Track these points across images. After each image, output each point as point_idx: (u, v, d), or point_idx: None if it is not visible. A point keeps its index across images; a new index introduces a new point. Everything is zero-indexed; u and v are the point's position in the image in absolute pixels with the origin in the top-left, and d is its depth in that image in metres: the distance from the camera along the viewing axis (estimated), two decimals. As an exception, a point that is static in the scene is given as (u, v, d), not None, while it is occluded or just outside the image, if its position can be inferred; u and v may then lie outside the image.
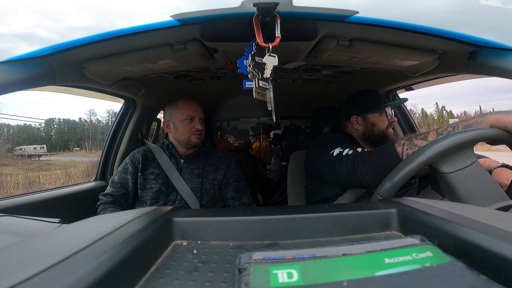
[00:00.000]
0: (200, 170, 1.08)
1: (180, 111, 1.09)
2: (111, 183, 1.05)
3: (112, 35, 0.67)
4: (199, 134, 1.09)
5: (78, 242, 0.25)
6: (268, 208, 0.39)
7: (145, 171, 1.06)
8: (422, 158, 0.59)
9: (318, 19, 0.65)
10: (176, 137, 1.09)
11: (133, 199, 1.07)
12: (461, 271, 0.21)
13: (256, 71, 0.60)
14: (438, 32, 0.69)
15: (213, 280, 0.24)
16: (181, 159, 1.09)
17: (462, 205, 0.39)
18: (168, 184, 1.05)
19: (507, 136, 0.57)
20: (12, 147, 21.37)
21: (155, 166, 1.07)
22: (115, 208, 0.98)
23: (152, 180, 1.05)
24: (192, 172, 1.08)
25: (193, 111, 1.09)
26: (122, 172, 1.06)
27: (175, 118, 1.09)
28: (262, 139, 2.43)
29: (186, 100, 1.11)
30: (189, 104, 1.10)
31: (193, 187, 1.05)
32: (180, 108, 1.09)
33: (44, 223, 0.49)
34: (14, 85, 0.63)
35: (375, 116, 1.00)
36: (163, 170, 1.06)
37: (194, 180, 1.06)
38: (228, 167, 1.13)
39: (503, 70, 0.65)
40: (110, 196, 1.01)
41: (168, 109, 1.12)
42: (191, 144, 1.09)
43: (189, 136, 1.08)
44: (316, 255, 0.24)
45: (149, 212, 0.37)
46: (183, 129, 1.08)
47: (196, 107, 1.11)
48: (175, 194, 1.05)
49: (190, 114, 1.08)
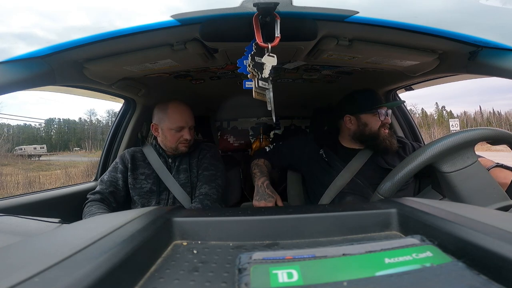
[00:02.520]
0: (186, 165, 1.08)
1: (169, 120, 1.04)
2: (100, 182, 1.04)
3: (112, 35, 0.67)
4: (187, 143, 1.06)
5: (78, 242, 0.25)
6: (268, 208, 0.39)
7: (135, 171, 1.06)
8: (423, 157, 0.59)
9: (318, 19, 0.65)
10: (164, 143, 1.07)
11: (123, 198, 1.05)
12: (461, 271, 0.21)
13: (256, 71, 0.60)
14: (438, 32, 0.69)
15: (213, 280, 0.24)
16: (169, 159, 1.09)
17: (462, 205, 0.39)
18: (159, 183, 1.05)
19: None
20: (12, 147, 21.38)
21: (145, 167, 1.07)
22: (101, 206, 0.96)
23: (143, 180, 1.05)
24: (179, 169, 1.07)
25: (183, 122, 1.04)
26: (112, 171, 1.06)
27: (163, 124, 1.05)
28: (262, 139, 2.42)
29: (176, 106, 1.06)
30: (180, 113, 1.05)
31: (182, 183, 1.05)
32: (169, 116, 1.04)
33: (44, 223, 0.49)
34: (14, 85, 0.63)
35: (368, 116, 1.00)
36: (153, 170, 1.05)
37: (182, 176, 1.06)
38: (204, 157, 1.11)
39: (503, 70, 0.65)
40: (99, 194, 1.00)
41: (158, 112, 1.07)
42: (178, 152, 1.06)
43: (176, 145, 1.05)
44: (316, 255, 0.24)
45: (149, 212, 0.37)
46: (171, 137, 1.04)
47: (186, 116, 1.05)
48: (167, 193, 1.05)
49: (179, 124, 1.03)
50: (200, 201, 0.99)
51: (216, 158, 1.14)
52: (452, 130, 7.43)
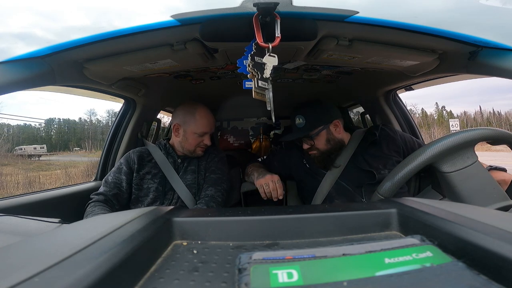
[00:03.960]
0: (194, 166, 1.09)
1: (196, 124, 1.05)
2: (104, 182, 1.04)
3: (112, 35, 0.67)
4: (205, 147, 1.08)
5: (78, 242, 0.25)
6: (268, 208, 0.39)
7: (141, 171, 1.05)
8: (423, 157, 0.59)
9: (318, 19, 0.65)
10: (183, 144, 1.08)
11: (126, 200, 1.05)
12: (461, 271, 0.21)
13: (256, 71, 0.60)
14: (438, 32, 0.69)
15: (213, 280, 0.24)
16: (178, 159, 1.09)
17: (462, 205, 0.39)
18: (165, 183, 1.05)
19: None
20: (12, 147, 21.39)
21: (151, 166, 1.06)
22: (104, 207, 0.96)
23: (149, 180, 1.05)
24: (187, 169, 1.08)
25: (209, 128, 1.07)
26: (116, 172, 1.05)
27: (188, 127, 1.06)
28: (262, 139, 2.42)
29: (205, 112, 1.08)
30: (207, 119, 1.07)
31: (188, 184, 1.05)
32: (197, 121, 1.05)
33: (44, 223, 0.49)
34: (14, 85, 0.63)
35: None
36: (160, 170, 1.05)
37: (189, 176, 1.07)
38: (212, 160, 1.12)
39: (503, 70, 0.65)
40: (102, 195, 0.99)
41: (184, 114, 1.07)
42: (194, 155, 1.08)
43: (195, 148, 1.07)
44: (316, 255, 0.24)
45: (149, 212, 0.37)
46: (192, 141, 1.06)
47: (212, 123, 1.08)
48: (172, 193, 1.05)
49: (205, 130, 1.06)
50: (206, 203, 1.00)
51: (223, 163, 1.16)
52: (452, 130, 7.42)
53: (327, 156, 1.01)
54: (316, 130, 1.00)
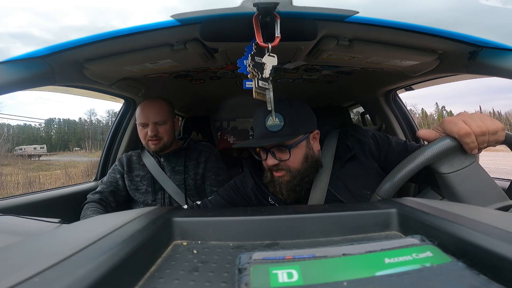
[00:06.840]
0: (181, 166, 1.08)
1: (136, 115, 1.04)
2: (101, 182, 1.08)
3: (112, 35, 0.67)
4: (155, 140, 1.01)
5: (78, 242, 0.25)
6: (268, 208, 0.39)
7: (131, 174, 1.09)
8: (422, 159, 0.59)
9: (318, 19, 0.65)
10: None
11: (124, 197, 1.09)
12: (461, 271, 0.21)
13: (256, 71, 0.60)
14: (438, 32, 0.69)
15: (213, 280, 0.24)
16: (161, 158, 1.09)
17: (462, 205, 0.39)
18: (154, 184, 1.07)
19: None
20: (12, 147, 21.40)
21: (140, 168, 1.09)
22: (98, 209, 0.97)
23: (139, 182, 1.08)
24: (173, 170, 1.08)
25: (144, 117, 1.00)
26: (112, 172, 1.10)
27: (137, 121, 1.05)
28: (262, 139, 2.42)
29: (144, 102, 1.05)
30: (141, 109, 1.02)
31: (176, 185, 1.06)
32: (137, 113, 1.03)
33: (44, 223, 0.49)
34: (14, 85, 0.63)
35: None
36: (148, 171, 1.07)
37: (177, 177, 1.07)
38: (208, 160, 1.10)
39: (503, 70, 0.65)
40: (98, 194, 1.02)
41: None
42: (151, 149, 1.05)
43: (146, 142, 1.03)
44: (316, 255, 0.24)
45: (149, 212, 0.37)
46: (140, 133, 1.04)
47: (148, 111, 1.00)
48: (162, 192, 1.07)
49: (142, 121, 1.01)
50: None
51: (221, 162, 1.15)
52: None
53: (300, 181, 0.71)
54: (296, 139, 0.70)
